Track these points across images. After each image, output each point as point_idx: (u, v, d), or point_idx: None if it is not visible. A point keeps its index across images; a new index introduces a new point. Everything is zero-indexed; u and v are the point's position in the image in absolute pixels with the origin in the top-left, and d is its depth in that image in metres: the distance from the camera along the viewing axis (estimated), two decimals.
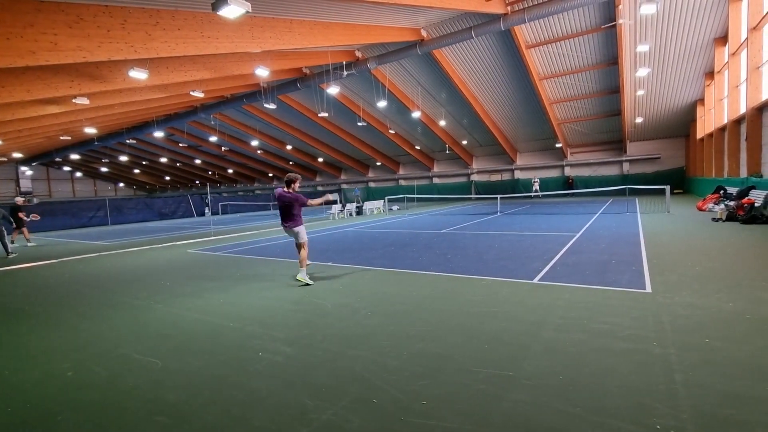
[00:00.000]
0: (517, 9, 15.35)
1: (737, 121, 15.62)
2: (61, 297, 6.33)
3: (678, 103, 22.71)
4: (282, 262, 8.27)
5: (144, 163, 49.70)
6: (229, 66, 16.60)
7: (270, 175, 49.41)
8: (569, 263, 6.64)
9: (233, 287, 6.33)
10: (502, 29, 15.77)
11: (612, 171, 29.80)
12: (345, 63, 19.36)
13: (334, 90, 19.83)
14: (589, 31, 17.48)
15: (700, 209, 14.23)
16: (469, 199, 31.39)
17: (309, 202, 6.49)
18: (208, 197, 30.59)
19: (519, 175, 33.38)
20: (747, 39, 13.63)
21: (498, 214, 17.74)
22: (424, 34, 17.74)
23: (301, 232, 6.38)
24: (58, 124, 22.37)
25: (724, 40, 16.65)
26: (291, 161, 44.17)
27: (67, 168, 53.70)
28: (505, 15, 15.25)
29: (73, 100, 16.00)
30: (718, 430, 2.21)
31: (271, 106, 22.38)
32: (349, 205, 23.32)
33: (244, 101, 24.32)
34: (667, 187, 15.34)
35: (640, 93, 21.06)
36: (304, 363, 3.38)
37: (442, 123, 28.07)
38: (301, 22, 13.24)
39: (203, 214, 31.79)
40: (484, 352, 3.37)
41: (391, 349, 3.53)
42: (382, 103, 22.63)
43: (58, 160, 45.74)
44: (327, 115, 26.74)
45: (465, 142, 32.60)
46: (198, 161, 47.18)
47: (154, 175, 57.72)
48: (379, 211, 24.07)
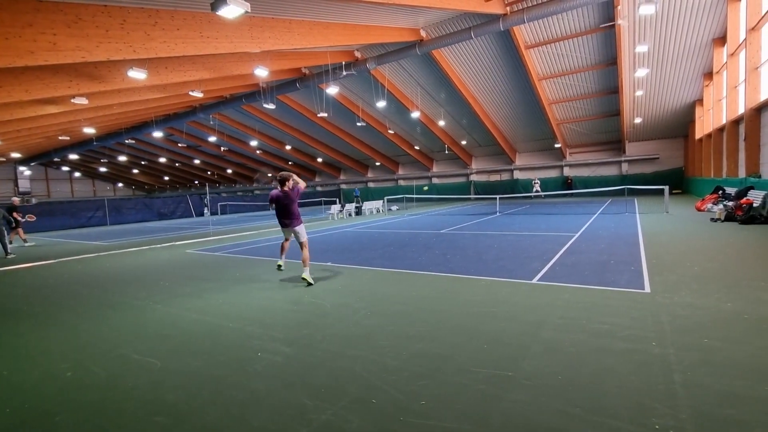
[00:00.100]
0: (516, 9, 15.37)
1: (736, 122, 15.64)
2: (60, 297, 6.32)
3: (677, 103, 22.75)
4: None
5: (143, 163, 49.66)
6: (228, 66, 16.59)
7: (269, 175, 49.37)
8: (568, 263, 6.64)
9: (232, 287, 6.32)
10: (502, 29, 15.79)
11: (611, 171, 29.84)
12: (344, 63, 19.36)
13: (333, 90, 19.84)
14: (588, 32, 17.51)
15: (699, 209, 14.26)
16: (469, 199, 31.41)
17: (301, 187, 6.51)
18: (207, 197, 30.55)
19: (518, 175, 33.40)
20: (745, 39, 13.65)
21: (497, 214, 17.75)
22: (423, 34, 17.75)
23: (302, 231, 6.39)
24: (56, 124, 22.33)
25: (722, 40, 16.68)
26: (290, 161, 44.16)
27: (65, 168, 53.62)
28: (505, 15, 15.26)
29: (72, 100, 15.98)
30: (717, 430, 2.21)
31: (271, 106, 22.38)
32: (348, 205, 23.34)
33: (243, 101, 24.30)
34: (666, 188, 15.40)
35: (639, 93, 21.09)
36: (303, 363, 3.38)
37: (442, 123, 28.09)
38: (300, 22, 13.24)
39: (202, 215, 31.77)
40: (484, 353, 3.37)
41: (391, 349, 3.53)
42: (382, 104, 22.66)
43: (56, 160, 45.68)
44: (326, 115, 26.73)
45: (464, 143, 32.61)
46: (197, 161, 47.16)
47: (153, 175, 57.67)
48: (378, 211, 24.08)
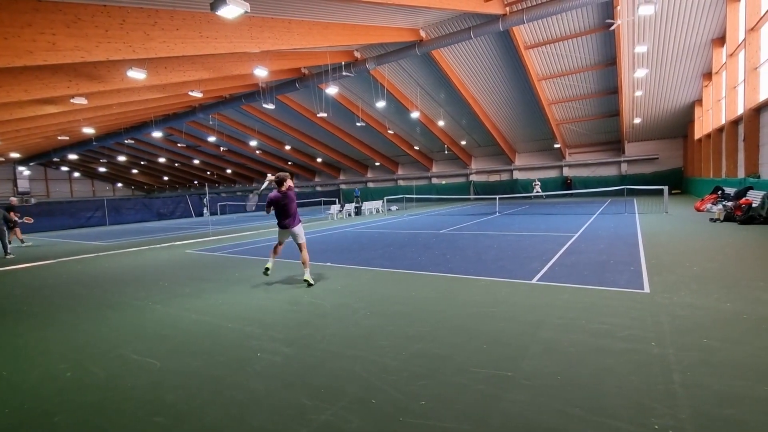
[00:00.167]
0: (515, 10, 15.37)
1: (735, 122, 15.66)
2: (60, 297, 6.31)
3: (676, 103, 22.77)
4: (280, 263, 8.24)
5: (142, 163, 49.62)
6: (228, 66, 16.58)
7: (269, 175, 49.29)
8: (568, 263, 6.65)
9: (232, 287, 6.32)
10: (501, 30, 15.80)
11: (610, 171, 29.86)
12: (344, 63, 19.35)
13: (332, 90, 19.84)
14: (587, 32, 17.52)
15: (698, 210, 14.27)
16: (468, 199, 31.41)
17: (293, 188, 6.55)
18: (207, 197, 30.55)
19: (518, 175, 33.41)
20: (745, 40, 13.66)
21: (497, 214, 17.76)
22: (422, 34, 17.76)
23: (301, 231, 6.39)
24: (56, 124, 22.32)
25: (721, 41, 16.70)
26: (290, 161, 44.13)
27: (65, 168, 53.57)
28: (504, 16, 15.27)
29: (71, 100, 15.97)
30: (717, 430, 2.21)
31: (270, 107, 22.37)
32: (347, 206, 23.34)
33: (242, 101, 24.30)
34: (665, 188, 15.42)
35: (639, 94, 21.10)
36: (303, 363, 3.38)
37: (441, 123, 28.09)
38: (299, 23, 13.24)
39: (201, 215, 31.76)
40: (483, 353, 3.37)
41: (390, 350, 3.53)
42: (381, 104, 22.65)
43: (55, 160, 45.63)
44: (326, 115, 26.72)
45: (464, 143, 32.61)
46: (196, 161, 47.12)
47: (152, 175, 57.63)
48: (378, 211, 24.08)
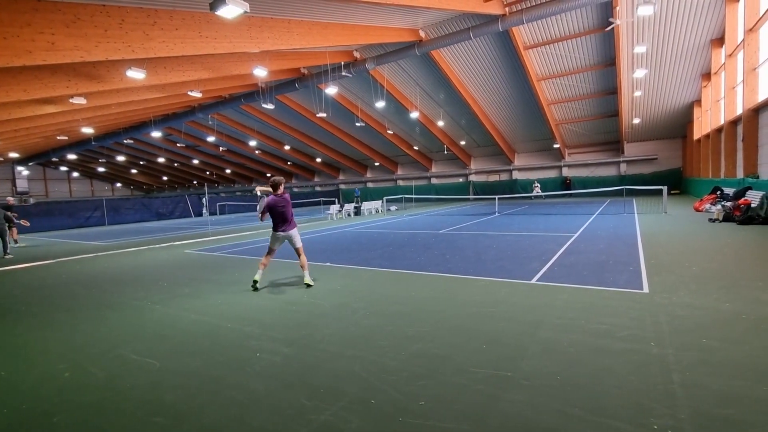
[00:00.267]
0: (515, 10, 15.38)
1: (734, 122, 15.69)
2: (59, 297, 6.30)
3: (675, 104, 22.79)
4: (280, 263, 8.25)
5: (141, 163, 49.57)
6: (227, 66, 16.57)
7: (268, 175, 49.32)
8: (567, 264, 6.65)
9: (231, 287, 6.31)
10: (501, 30, 15.81)
11: (609, 172, 29.89)
12: (343, 63, 19.35)
13: (332, 90, 19.84)
14: (587, 32, 17.53)
15: (697, 210, 14.28)
16: (467, 199, 31.42)
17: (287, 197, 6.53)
18: (206, 197, 30.53)
19: (517, 175, 33.43)
20: (743, 40, 13.69)
21: (496, 214, 17.77)
22: (422, 34, 17.76)
23: (297, 235, 6.36)
24: (55, 123, 22.28)
25: (720, 41, 16.73)
26: (289, 161, 44.12)
27: (63, 168, 53.50)
28: (503, 16, 15.28)
29: (71, 100, 15.94)
30: (716, 430, 2.21)
31: (269, 107, 22.35)
32: (347, 206, 23.34)
33: (242, 101, 24.28)
34: (665, 188, 15.44)
35: (638, 94, 21.12)
36: (302, 363, 3.37)
37: (441, 123, 28.09)
38: (299, 23, 13.23)
39: (201, 215, 31.71)
40: (482, 353, 3.37)
41: (390, 350, 3.53)
42: (381, 104, 22.66)
43: (54, 160, 45.59)
44: (325, 115, 26.71)
45: (463, 143, 32.62)
46: (196, 161, 47.09)
47: (151, 175, 57.58)
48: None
